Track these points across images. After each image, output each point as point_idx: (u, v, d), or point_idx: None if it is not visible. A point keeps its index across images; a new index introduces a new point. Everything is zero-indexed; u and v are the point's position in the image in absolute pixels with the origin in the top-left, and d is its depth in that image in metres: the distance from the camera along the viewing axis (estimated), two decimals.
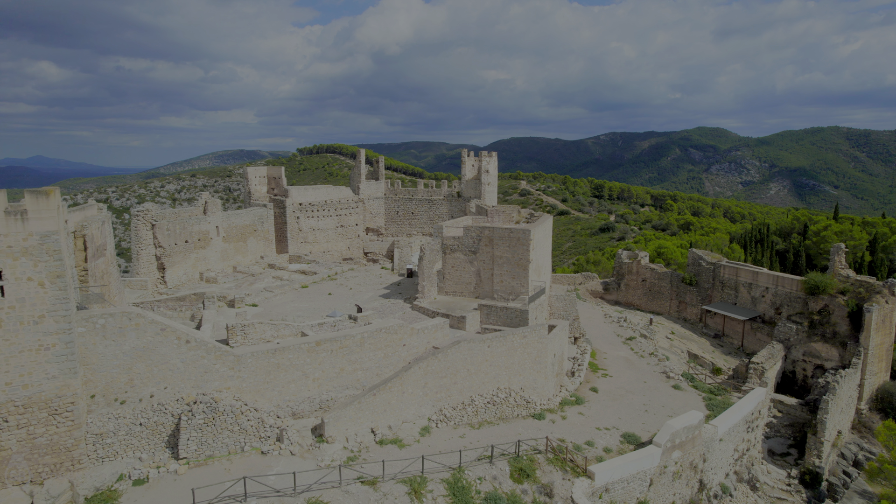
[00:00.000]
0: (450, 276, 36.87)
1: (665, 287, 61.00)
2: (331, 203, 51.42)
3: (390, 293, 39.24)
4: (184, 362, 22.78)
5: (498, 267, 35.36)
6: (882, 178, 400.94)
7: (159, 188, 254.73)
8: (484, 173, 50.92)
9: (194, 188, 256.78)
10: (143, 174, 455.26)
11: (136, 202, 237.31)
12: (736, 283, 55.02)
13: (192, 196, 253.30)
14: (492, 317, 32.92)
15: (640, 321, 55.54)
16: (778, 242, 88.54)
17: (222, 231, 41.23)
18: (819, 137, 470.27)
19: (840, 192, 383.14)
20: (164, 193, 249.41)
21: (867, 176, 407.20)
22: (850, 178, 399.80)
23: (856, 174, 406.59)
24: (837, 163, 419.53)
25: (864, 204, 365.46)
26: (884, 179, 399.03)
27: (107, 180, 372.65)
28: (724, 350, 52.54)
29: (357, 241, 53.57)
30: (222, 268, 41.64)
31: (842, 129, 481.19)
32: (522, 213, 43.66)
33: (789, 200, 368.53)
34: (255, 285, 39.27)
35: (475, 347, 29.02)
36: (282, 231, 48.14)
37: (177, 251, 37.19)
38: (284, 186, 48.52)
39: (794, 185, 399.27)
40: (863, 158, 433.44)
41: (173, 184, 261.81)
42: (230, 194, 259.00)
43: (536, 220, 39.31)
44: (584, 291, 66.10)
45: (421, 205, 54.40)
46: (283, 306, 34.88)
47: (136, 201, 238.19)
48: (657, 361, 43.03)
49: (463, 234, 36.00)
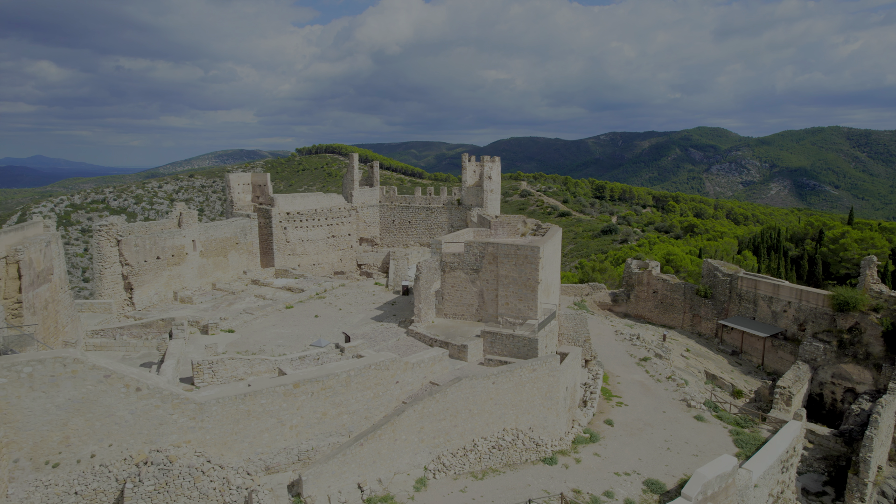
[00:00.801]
0: (449, 296, 33.26)
1: (678, 299, 57.46)
2: (321, 212, 47.77)
3: (383, 314, 35.60)
4: (133, 414, 19.13)
5: (503, 287, 31.76)
6: (883, 179, 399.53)
7: (157, 188, 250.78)
8: (486, 179, 47.31)
9: (192, 188, 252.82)
10: (142, 174, 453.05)
11: (133, 203, 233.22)
12: (755, 297, 51.47)
13: (190, 197, 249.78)
14: (496, 345, 29.31)
15: (653, 337, 52.00)
16: (791, 249, 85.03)
17: (199, 245, 37.57)
18: (820, 137, 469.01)
19: (841, 193, 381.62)
20: (162, 194, 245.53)
21: (868, 176, 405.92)
22: (851, 178, 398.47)
23: (857, 174, 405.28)
24: (838, 163, 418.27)
25: (865, 204, 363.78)
26: (884, 179, 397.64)
27: (106, 180, 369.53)
28: (743, 369, 48.99)
29: (350, 253, 49.93)
30: (200, 285, 37.99)
31: (842, 129, 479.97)
32: (528, 225, 40.05)
33: (790, 201, 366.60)
34: (234, 306, 35.61)
35: (478, 385, 25.41)
36: (267, 243, 44.49)
37: (147, 269, 33.54)
38: (270, 194, 44.84)
39: (794, 185, 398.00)
40: (863, 158, 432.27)
41: (171, 184, 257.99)
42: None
43: (544, 235, 35.70)
44: (591, 303, 62.54)
45: (418, 213, 50.78)
46: (263, 332, 31.24)
47: (134, 202, 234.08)
48: (675, 387, 39.45)
49: (464, 251, 32.40)
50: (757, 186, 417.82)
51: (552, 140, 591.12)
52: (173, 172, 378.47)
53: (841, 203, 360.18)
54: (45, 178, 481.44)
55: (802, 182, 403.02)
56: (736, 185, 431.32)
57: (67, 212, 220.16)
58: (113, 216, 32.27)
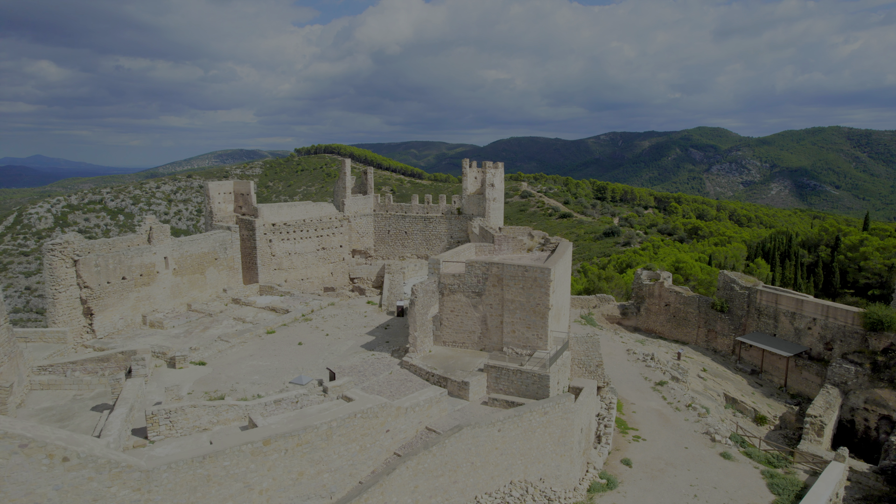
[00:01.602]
0: (449, 322, 29.73)
1: (692, 313, 53.98)
2: (310, 222, 44.19)
3: (375, 341, 32.04)
4: (60, 491, 15.56)
5: (509, 313, 28.24)
6: (883, 179, 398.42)
7: (155, 189, 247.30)
8: (489, 187, 43.75)
9: (190, 189, 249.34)
10: (142, 174, 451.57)
11: (131, 203, 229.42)
12: (775, 312, 48.02)
13: (188, 197, 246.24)
14: (502, 382, 25.79)
15: (667, 355, 48.53)
16: (804, 255, 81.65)
17: (172, 262, 33.98)
18: (820, 137, 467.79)
19: (841, 193, 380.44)
20: (160, 194, 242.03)
21: (868, 176, 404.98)
22: (852, 178, 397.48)
23: (857, 174, 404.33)
24: (838, 163, 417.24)
25: (866, 204, 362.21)
26: (885, 180, 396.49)
27: (105, 180, 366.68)
28: (764, 391, 45.53)
29: (341, 266, 46.37)
30: (173, 307, 34.40)
31: (843, 129, 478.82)
32: (535, 238, 36.53)
33: (790, 201, 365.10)
34: (210, 331, 32.02)
35: (482, 434, 21.89)
36: (251, 257, 40.93)
37: (110, 291, 29.95)
38: (254, 204, 41.24)
39: (795, 185, 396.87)
40: (864, 159, 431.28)
41: (169, 184, 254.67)
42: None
43: (554, 251, 32.18)
44: (599, 316, 59.03)
45: (415, 223, 47.22)
46: (238, 364, 27.67)
47: (132, 202, 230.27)
48: (696, 416, 35.95)
49: (465, 272, 28.87)
50: (757, 187, 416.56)
51: (552, 140, 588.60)
52: (173, 172, 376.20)
53: (842, 203, 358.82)
54: (45, 178, 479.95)
55: (803, 182, 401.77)
56: (736, 186, 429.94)
57: (64, 212, 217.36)
58: (70, 233, 28.63)
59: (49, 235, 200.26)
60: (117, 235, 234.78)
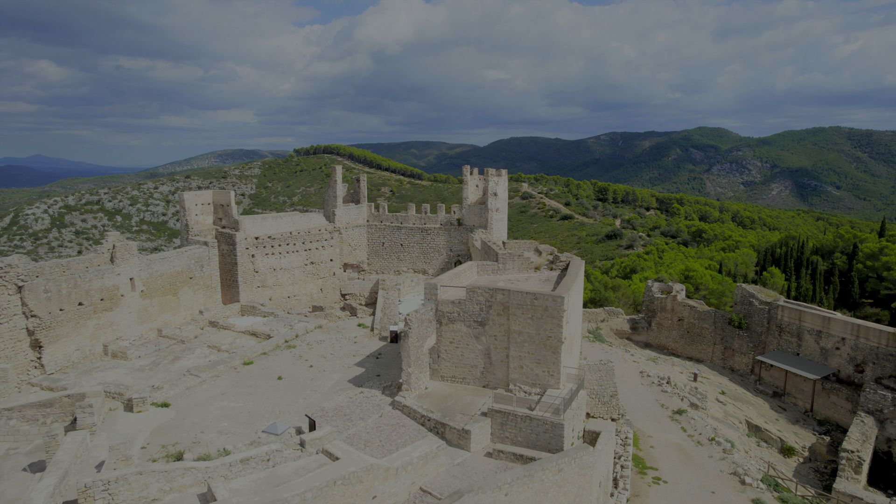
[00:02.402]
0: (448, 355, 26.27)
1: (707, 329, 50.58)
2: (297, 235, 40.66)
3: (365, 373, 28.55)
4: None
5: (516, 346, 24.79)
6: (884, 179, 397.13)
7: (153, 189, 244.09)
8: (491, 196, 40.22)
9: (189, 189, 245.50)
10: (142, 174, 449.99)
11: (129, 204, 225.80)
12: (799, 330, 44.64)
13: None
14: (508, 429, 22.34)
15: (682, 376, 45.15)
16: (818, 263, 78.34)
17: (140, 284, 30.45)
18: (821, 138, 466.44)
19: (842, 193, 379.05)
20: (158, 195, 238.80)
21: (869, 176, 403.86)
22: (853, 178, 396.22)
23: (858, 175, 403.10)
24: (839, 163, 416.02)
25: (867, 205, 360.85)
26: (886, 180, 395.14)
27: (105, 180, 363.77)
28: (788, 416, 42.14)
29: (332, 282, 42.86)
30: (141, 333, 30.87)
31: (843, 130, 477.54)
32: (543, 255, 33.07)
33: (791, 201, 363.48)
34: (179, 362, 28.51)
35: (486, 501, 18.43)
36: (231, 274, 37.42)
37: (63, 320, 26.43)
38: (234, 216, 37.68)
39: (795, 185, 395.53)
40: (865, 159, 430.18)
41: (167, 185, 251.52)
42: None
43: (565, 272, 28.71)
44: (607, 331, 55.59)
45: (412, 234, 43.71)
46: (207, 406, 24.18)
47: (130, 203, 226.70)
48: (721, 453, 32.50)
49: (466, 298, 25.41)
50: (758, 187, 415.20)
51: (552, 140, 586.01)
52: (173, 172, 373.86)
53: (842, 203, 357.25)
54: (45, 178, 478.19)
55: (804, 182, 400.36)
56: (737, 186, 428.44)
57: (61, 213, 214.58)
58: (14, 256, 25.11)
59: (46, 236, 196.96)
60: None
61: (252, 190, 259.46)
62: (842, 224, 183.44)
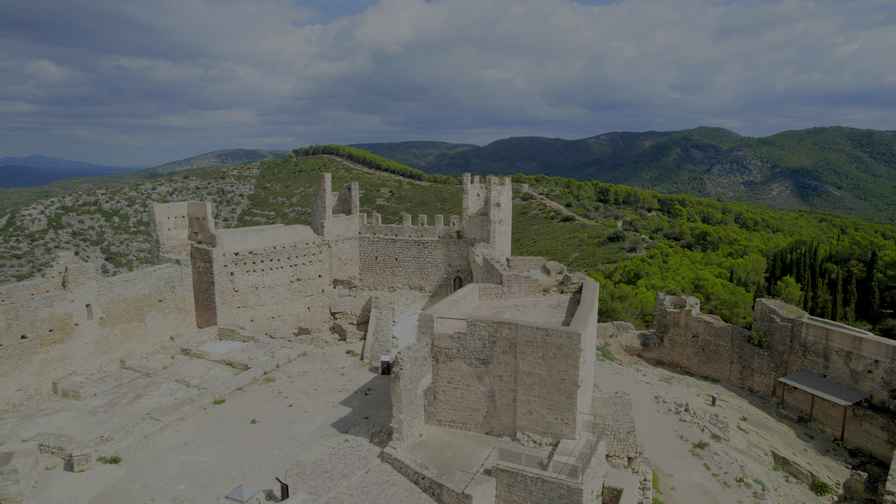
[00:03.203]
0: (446, 396, 22.87)
1: (724, 347, 47.25)
2: (281, 249, 37.21)
3: (352, 415, 25.10)
4: None
5: (524, 389, 21.40)
6: (885, 179, 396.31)
7: (150, 190, 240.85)
8: (493, 207, 36.77)
9: (187, 190, 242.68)
10: (142, 174, 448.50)
11: (126, 205, 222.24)
12: (825, 350, 41.34)
13: (185, 199, 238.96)
14: (517, 491, 18.96)
15: (699, 399, 41.83)
16: (833, 270, 75.07)
17: (99, 310, 26.99)
18: (821, 138, 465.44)
19: (843, 193, 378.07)
20: (156, 196, 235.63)
21: (870, 177, 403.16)
22: (853, 178, 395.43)
23: (859, 175, 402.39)
24: (840, 163, 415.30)
25: (868, 205, 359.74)
26: (887, 180, 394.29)
27: (104, 180, 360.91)
28: (817, 445, 38.78)
29: (320, 300, 39.41)
30: (100, 365, 27.40)
31: (844, 130, 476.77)
32: (553, 275, 29.68)
33: (792, 201, 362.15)
34: (140, 401, 25.05)
35: None
36: (208, 294, 33.97)
37: (1, 357, 22.92)
38: (211, 230, 34.20)
39: (796, 185, 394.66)
40: (865, 159, 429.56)
41: (165, 186, 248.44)
42: (223, 196, 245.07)
43: (578, 296, 25.29)
44: (616, 347, 52.24)
45: (408, 248, 40.27)
46: (164, 461, 20.71)
47: (127, 204, 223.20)
48: (752, 498, 29.11)
49: (467, 332, 22.02)
50: (759, 187, 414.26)
51: (552, 140, 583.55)
52: (173, 172, 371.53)
53: (843, 204, 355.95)
54: (45, 178, 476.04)
55: (804, 182, 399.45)
56: (737, 186, 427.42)
57: (58, 214, 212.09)
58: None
59: (42, 237, 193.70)
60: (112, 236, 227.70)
61: (251, 191, 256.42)
62: (847, 226, 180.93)
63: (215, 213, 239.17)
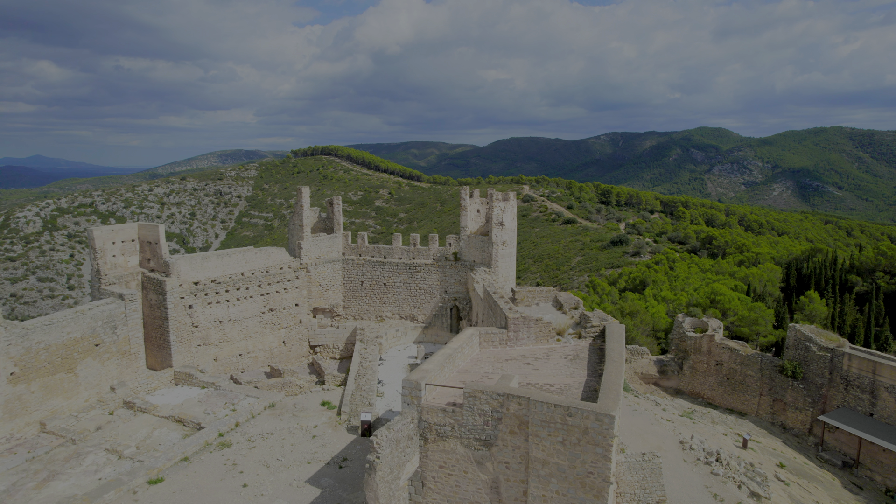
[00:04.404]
0: (437, 485, 17.83)
1: (751, 377, 42.25)
2: (251, 276, 32.12)
3: (321, 499, 20.00)
4: None
5: (538, 482, 16.37)
6: (886, 179, 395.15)
7: (147, 192, 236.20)
8: (496, 226, 31.68)
9: (184, 192, 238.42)
10: (141, 174, 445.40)
11: (122, 206, 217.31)
12: (873, 385, 36.41)
13: (182, 200, 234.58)
14: None
15: (729, 441, 36.79)
16: (857, 283, 70.38)
17: (9, 364, 21.84)
18: (822, 138, 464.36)
19: (844, 194, 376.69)
20: (153, 197, 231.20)
21: (871, 177, 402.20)
22: (854, 178, 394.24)
23: (860, 175, 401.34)
24: (841, 163, 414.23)
25: (869, 205, 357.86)
26: (888, 180, 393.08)
27: (104, 180, 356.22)
28: (868, 498, 33.77)
29: (297, 331, 34.31)
30: (11, 432, 22.23)
31: (845, 130, 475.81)
32: (567, 311, 24.64)
33: (793, 202, 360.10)
34: (52, 484, 19.93)
35: None
36: (162, 331, 28.89)
37: None
38: (164, 257, 29.05)
39: (797, 185, 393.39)
40: (866, 159, 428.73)
41: (162, 187, 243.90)
42: (221, 198, 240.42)
43: (600, 341, 20.25)
44: (631, 374, 47.20)
45: (398, 272, 35.18)
46: None
47: (123, 206, 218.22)
48: None
49: (465, 405, 16.99)
50: (759, 187, 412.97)
51: (552, 140, 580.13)
52: (173, 172, 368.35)
53: (844, 204, 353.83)
54: (45, 178, 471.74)
55: (805, 183, 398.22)
56: (738, 186, 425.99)
57: (53, 216, 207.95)
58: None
59: (37, 240, 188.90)
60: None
61: (248, 192, 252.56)
62: (852, 228, 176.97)
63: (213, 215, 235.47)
